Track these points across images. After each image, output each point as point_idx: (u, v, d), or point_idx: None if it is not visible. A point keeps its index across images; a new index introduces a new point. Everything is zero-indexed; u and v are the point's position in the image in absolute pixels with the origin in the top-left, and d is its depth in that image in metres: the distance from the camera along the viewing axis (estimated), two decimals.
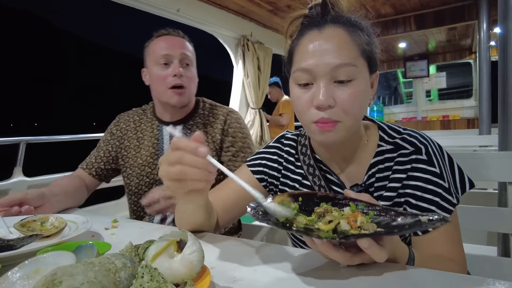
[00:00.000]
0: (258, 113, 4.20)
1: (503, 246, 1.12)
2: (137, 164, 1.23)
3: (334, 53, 0.65)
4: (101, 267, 0.40)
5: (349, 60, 0.65)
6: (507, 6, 1.28)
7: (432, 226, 0.48)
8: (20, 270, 0.42)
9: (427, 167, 0.70)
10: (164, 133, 1.25)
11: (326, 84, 0.66)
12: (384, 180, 0.74)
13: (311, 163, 0.80)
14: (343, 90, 0.66)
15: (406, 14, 4.44)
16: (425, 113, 6.67)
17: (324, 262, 0.58)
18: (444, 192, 0.69)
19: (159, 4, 2.86)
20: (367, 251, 0.50)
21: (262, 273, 0.55)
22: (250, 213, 0.57)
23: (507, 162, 0.93)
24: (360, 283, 0.50)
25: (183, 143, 0.56)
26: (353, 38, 0.68)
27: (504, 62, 1.29)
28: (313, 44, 0.67)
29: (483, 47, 4.08)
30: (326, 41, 0.67)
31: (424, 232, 0.69)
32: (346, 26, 0.69)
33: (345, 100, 0.65)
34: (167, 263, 0.46)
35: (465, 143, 3.12)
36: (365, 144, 0.77)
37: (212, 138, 1.22)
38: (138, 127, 1.29)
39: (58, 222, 0.78)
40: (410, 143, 0.73)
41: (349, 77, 0.66)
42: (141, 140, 1.27)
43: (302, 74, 0.68)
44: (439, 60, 6.52)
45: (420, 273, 0.53)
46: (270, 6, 3.74)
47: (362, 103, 0.69)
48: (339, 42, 0.66)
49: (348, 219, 0.53)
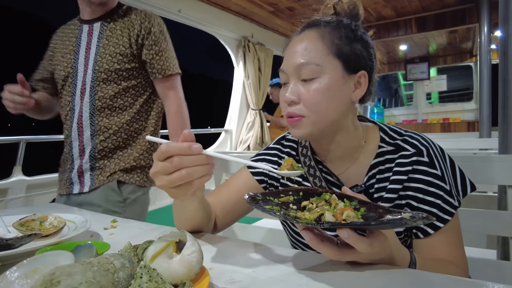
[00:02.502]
0: (259, 114, 4.20)
1: (503, 249, 1.11)
2: (60, 63, 1.34)
3: (299, 54, 0.71)
4: (99, 267, 0.40)
5: (310, 59, 0.70)
6: (508, 9, 1.29)
7: (413, 224, 0.48)
8: (19, 270, 0.42)
9: (429, 169, 0.70)
10: (83, 31, 1.33)
11: (294, 82, 0.72)
12: (384, 181, 0.73)
13: (312, 164, 0.80)
14: (306, 88, 0.71)
15: (407, 17, 4.45)
16: (425, 116, 6.68)
17: (322, 263, 0.58)
18: (446, 194, 0.69)
19: (160, 5, 2.87)
20: (348, 241, 0.50)
21: (261, 274, 0.54)
22: (247, 201, 0.57)
23: (507, 165, 0.92)
24: (359, 285, 0.50)
25: (175, 148, 0.53)
26: (323, 38, 0.71)
27: (505, 65, 1.29)
28: (290, 47, 0.75)
29: (483, 50, 4.08)
30: (298, 43, 0.73)
31: (425, 235, 0.69)
32: (322, 28, 0.73)
33: (305, 96, 0.70)
34: (166, 264, 0.45)
35: (465, 146, 3.11)
36: (365, 145, 0.77)
37: (132, 35, 1.29)
38: (64, 36, 1.39)
39: (57, 221, 0.77)
40: (411, 144, 0.73)
41: (311, 75, 0.70)
42: (65, 41, 1.37)
43: (281, 74, 0.76)
44: (439, 62, 6.53)
45: (419, 276, 0.53)
46: (271, 8, 3.75)
47: (328, 100, 0.70)
48: (306, 44, 0.72)
49: (335, 212, 0.54)
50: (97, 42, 1.29)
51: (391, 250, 0.56)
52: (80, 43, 1.31)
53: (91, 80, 1.27)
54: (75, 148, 1.29)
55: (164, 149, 0.53)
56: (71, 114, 1.30)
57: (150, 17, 1.32)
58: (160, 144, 0.57)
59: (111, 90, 1.27)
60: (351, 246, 0.51)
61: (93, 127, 1.27)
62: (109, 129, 1.28)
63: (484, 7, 3.92)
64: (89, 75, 1.27)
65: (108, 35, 1.29)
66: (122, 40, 1.28)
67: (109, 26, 1.30)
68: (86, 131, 1.28)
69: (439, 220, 0.68)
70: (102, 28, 1.31)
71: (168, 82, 1.34)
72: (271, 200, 0.60)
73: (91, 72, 1.27)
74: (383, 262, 0.56)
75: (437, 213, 0.68)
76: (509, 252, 1.00)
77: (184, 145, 0.53)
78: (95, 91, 1.26)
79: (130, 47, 1.28)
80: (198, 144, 0.54)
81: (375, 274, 0.53)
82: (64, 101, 1.33)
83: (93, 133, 1.27)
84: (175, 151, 0.53)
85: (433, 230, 0.69)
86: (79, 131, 1.28)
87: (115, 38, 1.28)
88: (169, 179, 0.54)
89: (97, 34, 1.30)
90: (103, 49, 1.27)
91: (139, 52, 1.29)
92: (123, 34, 1.29)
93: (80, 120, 1.28)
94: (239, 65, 4.11)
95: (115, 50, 1.27)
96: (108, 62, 1.26)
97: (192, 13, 3.22)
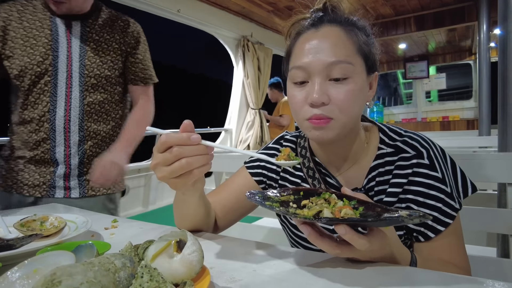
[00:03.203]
0: (258, 114, 4.20)
1: (503, 247, 1.12)
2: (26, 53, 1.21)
3: (329, 51, 0.66)
4: (100, 267, 0.40)
5: (344, 58, 0.65)
6: (507, 7, 1.29)
7: (410, 222, 0.48)
8: (20, 270, 0.42)
9: (429, 171, 0.69)
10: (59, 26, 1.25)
11: (321, 81, 0.66)
12: (384, 184, 0.72)
13: (311, 166, 0.79)
14: (338, 88, 0.66)
15: (406, 15, 4.45)
16: (424, 114, 6.68)
17: (323, 261, 0.58)
18: (447, 197, 0.68)
19: (159, 5, 2.86)
20: (345, 237, 0.50)
21: (262, 273, 0.55)
22: (248, 196, 0.59)
23: (507, 163, 0.93)
24: (359, 282, 0.50)
25: (175, 139, 0.54)
26: (349, 36, 0.68)
27: (504, 63, 1.29)
28: (309, 43, 0.68)
29: (483, 48, 4.08)
30: (321, 39, 0.67)
31: (427, 238, 0.68)
32: (343, 25, 0.69)
33: (339, 97, 0.65)
34: (166, 263, 0.46)
35: (464, 144, 3.11)
36: (365, 147, 0.76)
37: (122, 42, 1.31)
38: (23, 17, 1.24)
39: (58, 222, 0.77)
40: (411, 146, 0.71)
41: (344, 75, 0.65)
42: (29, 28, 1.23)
43: (297, 72, 0.69)
44: (439, 61, 6.53)
45: (419, 274, 0.53)
46: (270, 7, 3.75)
47: (358, 102, 0.68)
48: (334, 40, 0.67)
49: (334, 210, 0.54)
50: (82, 44, 1.26)
51: (391, 249, 0.56)
52: (58, 39, 1.24)
53: (79, 84, 1.24)
54: (59, 153, 1.24)
55: (163, 139, 0.54)
56: (50, 116, 1.22)
57: (136, 26, 1.36)
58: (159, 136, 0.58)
59: (100, 96, 1.28)
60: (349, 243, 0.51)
61: (82, 132, 1.26)
62: (98, 135, 1.29)
63: (483, 5, 3.92)
64: (75, 78, 1.24)
65: (95, 39, 1.27)
66: (113, 46, 1.29)
67: (95, 29, 1.28)
68: (73, 136, 1.25)
69: (440, 223, 0.67)
70: (85, 30, 1.27)
71: (147, 90, 1.40)
72: (271, 198, 0.60)
73: (78, 75, 1.24)
74: (383, 261, 0.56)
75: (438, 217, 0.67)
76: (509, 250, 1.00)
77: (184, 135, 0.54)
78: (83, 95, 1.25)
79: (121, 54, 1.31)
80: (197, 134, 0.55)
81: (375, 272, 0.53)
82: (37, 99, 1.22)
83: (81, 139, 1.26)
84: (174, 141, 0.54)
85: (434, 234, 0.68)
86: (66, 136, 1.24)
87: (104, 43, 1.29)
88: (170, 169, 0.55)
89: (79, 35, 1.27)
90: (92, 54, 1.26)
91: (125, 60, 1.33)
92: (113, 40, 1.30)
93: (68, 124, 1.24)
94: (238, 64, 4.10)
95: (105, 56, 1.28)
96: (99, 67, 1.26)
97: (191, 13, 3.22)
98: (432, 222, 0.68)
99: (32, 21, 1.25)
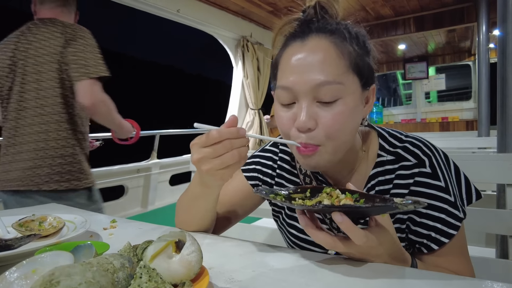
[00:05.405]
0: (257, 114, 4.20)
1: (502, 247, 1.12)
2: None
3: (316, 69, 0.59)
4: (99, 267, 0.40)
5: (333, 78, 0.59)
6: (506, 8, 1.29)
7: (404, 208, 0.48)
8: (18, 270, 0.41)
9: (432, 181, 0.65)
10: None
11: (308, 104, 0.61)
12: (384, 193, 0.69)
13: (308, 173, 0.77)
14: (326, 111, 0.60)
15: (405, 16, 4.45)
16: (424, 115, 6.68)
17: (322, 262, 0.58)
18: (450, 207, 0.65)
19: (159, 5, 2.86)
20: (341, 226, 0.50)
21: (260, 273, 0.55)
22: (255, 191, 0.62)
23: (506, 164, 0.93)
24: (358, 284, 0.50)
25: (227, 133, 0.56)
26: (340, 50, 0.61)
27: (503, 64, 1.29)
28: (295, 58, 0.62)
29: (482, 49, 4.08)
30: (308, 54, 0.61)
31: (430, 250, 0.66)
32: (333, 36, 0.62)
33: (327, 122, 0.60)
34: (165, 264, 0.45)
35: (464, 145, 3.11)
36: (363, 154, 0.72)
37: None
38: None
39: (56, 222, 0.77)
40: (412, 154, 0.68)
41: (334, 97, 0.60)
42: None
43: (283, 93, 0.63)
44: (438, 62, 6.53)
45: (419, 274, 0.53)
46: (270, 7, 3.75)
47: (350, 123, 0.62)
48: (322, 56, 0.60)
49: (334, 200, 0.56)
50: None
51: (390, 249, 0.56)
52: None
53: None
54: None
55: (217, 135, 0.56)
56: None
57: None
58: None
59: None
60: (347, 237, 0.51)
61: None
62: None
63: (482, 6, 3.92)
64: None
65: None
66: None
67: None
68: None
69: (444, 235, 0.65)
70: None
71: None
72: (278, 194, 0.62)
73: None
74: (380, 260, 0.56)
75: (442, 228, 0.64)
76: (508, 251, 1.00)
77: (233, 129, 0.56)
78: None
79: None
80: (243, 128, 0.59)
81: (375, 273, 0.53)
82: None
83: None
84: (227, 135, 0.56)
85: (437, 246, 0.65)
86: None
87: None
88: (220, 160, 0.56)
89: None
90: None
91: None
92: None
93: None
94: (238, 64, 4.10)
95: None
96: None
97: (191, 13, 3.22)
98: (436, 234, 0.65)
99: None
